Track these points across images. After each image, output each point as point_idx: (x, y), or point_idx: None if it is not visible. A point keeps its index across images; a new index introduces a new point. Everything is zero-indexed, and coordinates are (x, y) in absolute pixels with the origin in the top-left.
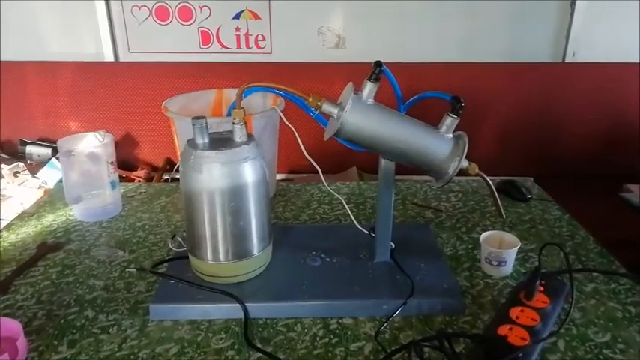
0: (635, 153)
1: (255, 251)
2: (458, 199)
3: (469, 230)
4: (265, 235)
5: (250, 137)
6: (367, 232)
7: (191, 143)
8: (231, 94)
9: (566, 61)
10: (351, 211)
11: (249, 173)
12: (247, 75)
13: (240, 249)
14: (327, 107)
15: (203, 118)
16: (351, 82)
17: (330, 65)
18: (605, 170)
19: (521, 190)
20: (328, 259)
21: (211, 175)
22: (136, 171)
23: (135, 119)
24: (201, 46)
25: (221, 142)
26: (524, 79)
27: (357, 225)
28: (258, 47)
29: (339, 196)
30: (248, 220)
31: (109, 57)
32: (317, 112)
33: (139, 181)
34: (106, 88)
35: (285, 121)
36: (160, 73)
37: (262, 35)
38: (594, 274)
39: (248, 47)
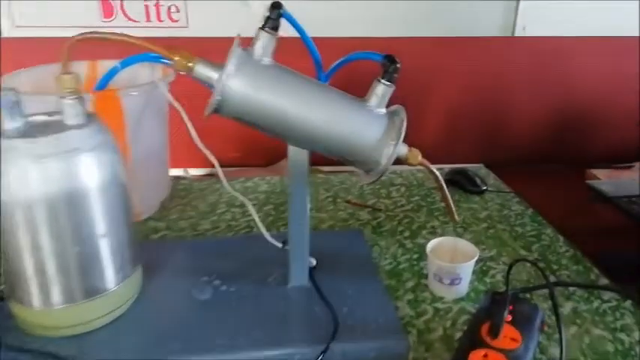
0: (591, 133)
1: (108, 286)
2: (400, 194)
3: (413, 234)
4: (125, 262)
5: (92, 118)
6: (280, 246)
7: None
8: (109, 66)
9: (515, 35)
10: (268, 215)
11: (87, 172)
12: None
13: (81, 286)
14: (201, 70)
15: (12, 89)
16: (237, 36)
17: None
18: (561, 152)
19: (475, 180)
20: (224, 288)
21: (23, 177)
22: None
23: None
24: (103, 19)
25: (43, 126)
26: (470, 56)
27: (266, 236)
28: (172, 20)
29: (243, 198)
30: (91, 242)
31: None
32: None
33: None
34: None
35: (169, 97)
36: (53, 51)
37: (176, 5)
38: (571, 287)
39: (159, 20)
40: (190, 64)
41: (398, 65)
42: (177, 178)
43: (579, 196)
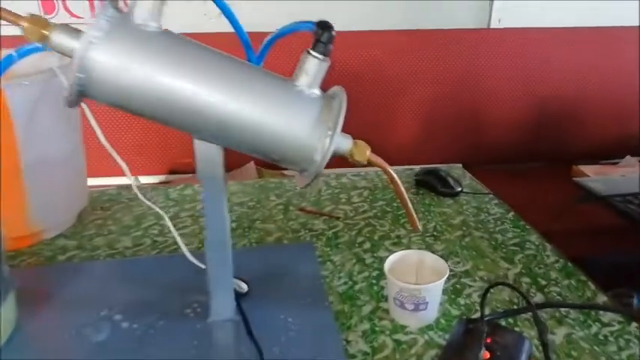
0: (574, 127)
1: None
2: (362, 198)
3: (375, 246)
4: None
5: None
6: (203, 267)
7: None
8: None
9: (491, 27)
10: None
11: None
12: None
13: None
14: (59, 39)
15: None
16: None
17: (213, 36)
18: (543, 148)
19: (448, 180)
20: (125, 325)
21: None
22: None
23: None
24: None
25: None
26: (445, 48)
27: (187, 255)
28: None
29: (157, 208)
30: None
31: None
32: None
33: None
34: None
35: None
36: None
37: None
38: (562, 309)
39: None
40: (45, 32)
41: (333, 33)
42: (123, 187)
43: (566, 196)
